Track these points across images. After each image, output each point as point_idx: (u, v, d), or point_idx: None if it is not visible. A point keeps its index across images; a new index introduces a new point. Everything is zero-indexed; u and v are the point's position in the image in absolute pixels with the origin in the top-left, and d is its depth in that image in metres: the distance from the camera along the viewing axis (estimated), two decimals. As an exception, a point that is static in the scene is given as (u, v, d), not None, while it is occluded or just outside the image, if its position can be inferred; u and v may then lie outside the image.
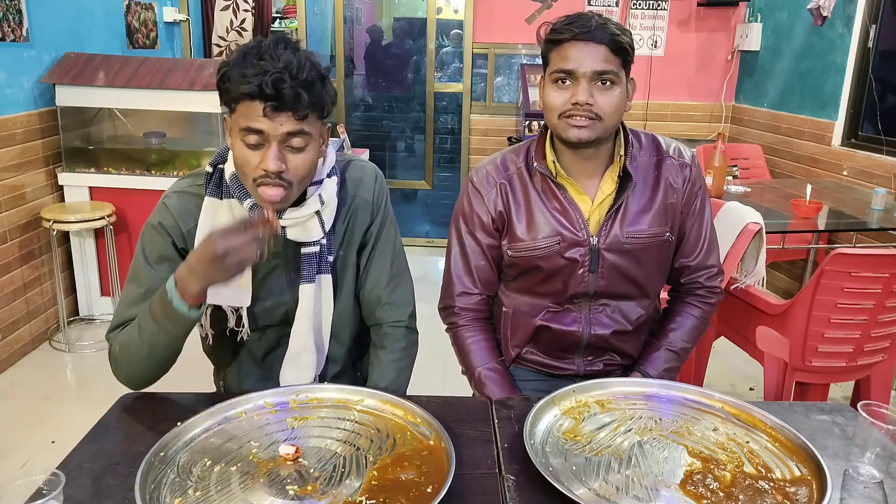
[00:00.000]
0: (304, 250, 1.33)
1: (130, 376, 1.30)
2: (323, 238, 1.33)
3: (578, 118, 1.35)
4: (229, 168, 1.30)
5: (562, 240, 1.44)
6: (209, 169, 1.33)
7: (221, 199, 1.30)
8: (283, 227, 1.28)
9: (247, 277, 1.32)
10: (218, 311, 1.36)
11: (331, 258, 1.36)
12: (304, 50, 1.21)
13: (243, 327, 1.36)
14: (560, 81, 1.37)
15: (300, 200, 1.30)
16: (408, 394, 1.27)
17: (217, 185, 1.31)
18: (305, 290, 1.34)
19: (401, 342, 1.46)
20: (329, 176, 1.34)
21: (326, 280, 1.37)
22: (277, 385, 1.40)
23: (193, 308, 1.19)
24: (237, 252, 1.12)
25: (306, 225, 1.30)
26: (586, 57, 1.33)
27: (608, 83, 1.35)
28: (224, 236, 1.11)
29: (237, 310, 1.35)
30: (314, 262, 1.33)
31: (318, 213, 1.30)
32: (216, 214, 1.30)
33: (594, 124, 1.36)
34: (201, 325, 1.38)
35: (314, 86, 1.18)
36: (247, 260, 1.14)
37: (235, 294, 1.33)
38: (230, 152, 1.28)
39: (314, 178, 1.31)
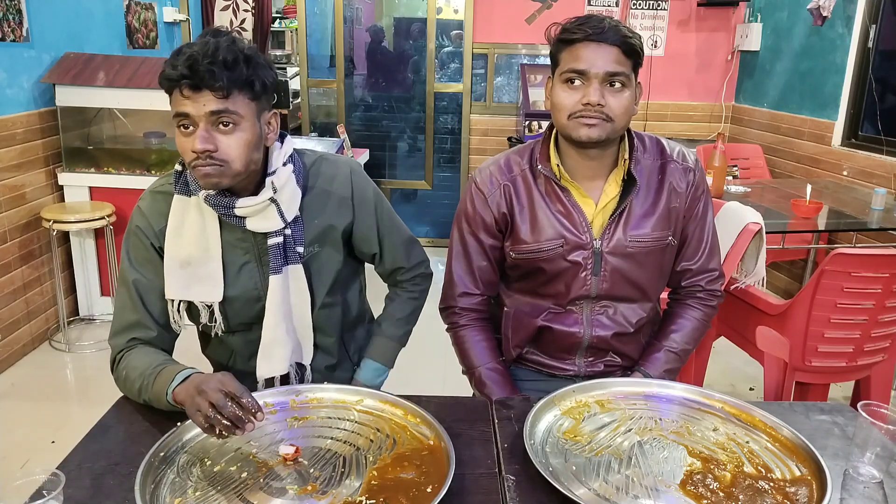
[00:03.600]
0: (269, 241, 1.34)
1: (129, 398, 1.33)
2: (286, 228, 1.34)
3: (589, 118, 1.35)
4: None
5: (565, 242, 1.44)
6: (178, 167, 1.35)
7: (190, 196, 1.33)
8: (243, 218, 1.30)
9: (217, 272, 1.34)
10: (195, 306, 1.37)
11: (300, 249, 1.37)
12: (232, 35, 1.24)
13: (216, 323, 1.37)
14: (571, 82, 1.36)
15: (256, 190, 1.32)
16: (408, 394, 1.28)
17: (185, 182, 1.33)
18: (273, 282, 1.35)
19: (420, 285, 1.61)
20: (285, 165, 1.35)
21: (295, 270, 1.37)
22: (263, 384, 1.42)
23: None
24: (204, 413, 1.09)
25: (264, 214, 1.31)
26: (599, 58, 1.33)
27: (619, 85, 1.34)
28: (208, 395, 1.09)
29: (209, 305, 1.36)
30: (280, 253, 1.35)
31: (273, 200, 1.31)
32: (185, 211, 1.33)
33: (604, 125, 1.35)
34: (177, 322, 1.38)
35: (235, 65, 1.20)
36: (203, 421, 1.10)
37: (207, 290, 1.34)
38: None
39: (270, 168, 1.32)
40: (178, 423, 1.13)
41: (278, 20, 5.23)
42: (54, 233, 3.24)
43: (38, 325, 3.37)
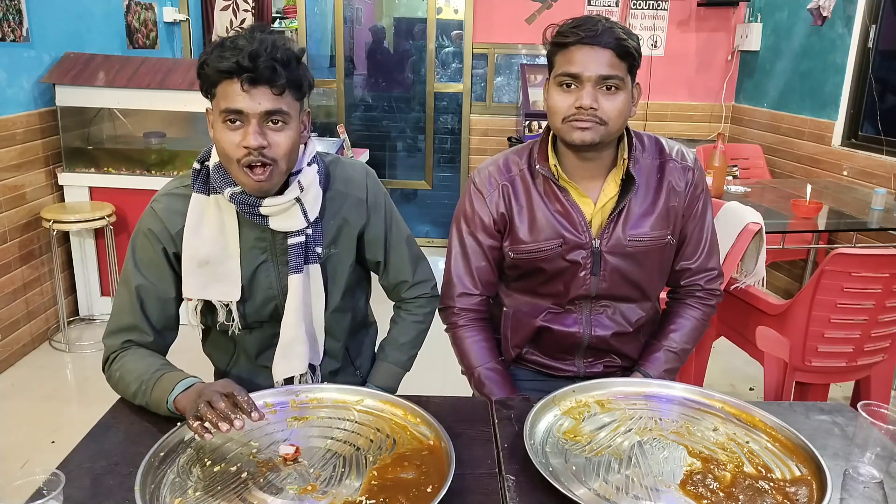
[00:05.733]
0: (290, 241, 1.34)
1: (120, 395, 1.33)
2: (308, 227, 1.34)
3: (582, 121, 1.35)
4: (213, 161, 1.31)
5: (564, 242, 1.44)
6: (196, 166, 1.34)
7: (209, 195, 1.32)
8: (266, 217, 1.30)
9: (235, 271, 1.34)
10: (209, 306, 1.37)
11: (319, 249, 1.37)
12: (279, 34, 1.24)
13: (233, 322, 1.37)
14: (565, 85, 1.36)
15: (282, 189, 1.31)
16: (408, 394, 1.28)
17: (204, 181, 1.32)
18: (293, 281, 1.35)
19: (425, 308, 1.57)
20: (309, 165, 1.35)
21: (315, 270, 1.37)
22: (272, 382, 1.41)
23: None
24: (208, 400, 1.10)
25: (288, 213, 1.31)
26: (591, 61, 1.32)
27: (613, 88, 1.34)
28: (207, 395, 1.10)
29: (227, 304, 1.36)
30: (301, 252, 1.34)
31: (298, 199, 1.31)
32: (204, 210, 1.32)
33: (598, 128, 1.35)
34: (192, 322, 1.39)
35: (290, 63, 1.21)
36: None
37: (225, 289, 1.34)
38: (213, 146, 1.30)
39: (295, 167, 1.32)
40: (178, 423, 1.13)
41: (278, 20, 5.22)
42: (54, 233, 3.24)
43: (38, 325, 3.37)
